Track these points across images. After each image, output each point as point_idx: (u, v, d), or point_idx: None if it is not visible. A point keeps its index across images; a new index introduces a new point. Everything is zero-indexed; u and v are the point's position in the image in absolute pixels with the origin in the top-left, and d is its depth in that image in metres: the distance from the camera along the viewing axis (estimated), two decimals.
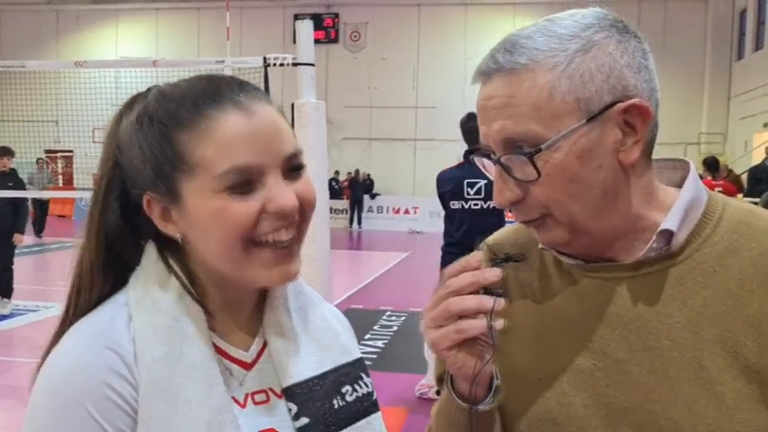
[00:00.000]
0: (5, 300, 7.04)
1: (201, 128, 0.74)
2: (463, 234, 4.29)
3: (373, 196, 20.08)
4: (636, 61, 0.78)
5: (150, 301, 0.77)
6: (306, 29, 3.27)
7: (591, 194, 0.78)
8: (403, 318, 7.27)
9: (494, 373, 0.81)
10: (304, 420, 0.80)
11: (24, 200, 7.07)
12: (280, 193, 0.75)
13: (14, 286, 7.21)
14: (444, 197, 4.39)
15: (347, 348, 0.89)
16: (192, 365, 0.75)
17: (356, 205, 19.34)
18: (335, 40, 21.55)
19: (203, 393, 0.74)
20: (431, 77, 21.10)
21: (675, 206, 0.81)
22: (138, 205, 0.80)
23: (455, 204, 4.33)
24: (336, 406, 0.82)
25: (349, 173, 19.88)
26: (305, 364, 0.83)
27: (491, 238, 0.96)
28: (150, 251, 0.81)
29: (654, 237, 0.80)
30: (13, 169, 7.41)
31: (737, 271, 0.79)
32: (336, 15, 21.51)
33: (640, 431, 0.79)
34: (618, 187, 0.79)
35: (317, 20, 19.13)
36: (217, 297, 0.81)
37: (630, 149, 0.78)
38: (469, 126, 4.38)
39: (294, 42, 3.44)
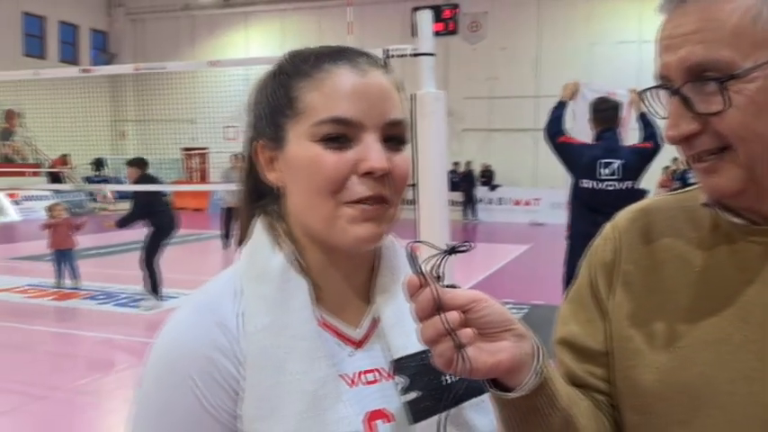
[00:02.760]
0: (153, 296, 7.25)
1: (316, 78, 0.77)
2: (591, 213, 4.02)
3: (493, 188, 19.83)
4: None
5: (256, 272, 0.78)
6: (426, 18, 3.28)
7: None
8: (525, 310, 7.15)
9: (530, 360, 0.74)
10: (413, 394, 0.78)
11: (142, 205, 7.15)
12: (373, 155, 0.74)
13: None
14: (574, 172, 4.17)
15: None
16: (296, 337, 0.75)
17: (469, 197, 19.19)
18: (454, 32, 21.43)
19: (306, 365, 0.74)
20: (552, 65, 20.49)
21: None
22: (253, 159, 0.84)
23: (585, 183, 4.12)
24: (446, 382, 0.80)
25: (468, 162, 19.74)
26: (416, 337, 0.79)
27: (644, 204, 0.93)
28: (259, 222, 0.83)
29: None
30: (148, 175, 7.52)
31: None
32: (456, 6, 21.37)
33: None
34: None
35: (437, 11, 19.06)
36: (323, 266, 0.81)
37: None
38: (602, 108, 4.23)
39: (413, 36, 3.47)
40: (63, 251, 8.18)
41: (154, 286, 7.26)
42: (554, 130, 4.46)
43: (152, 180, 7.73)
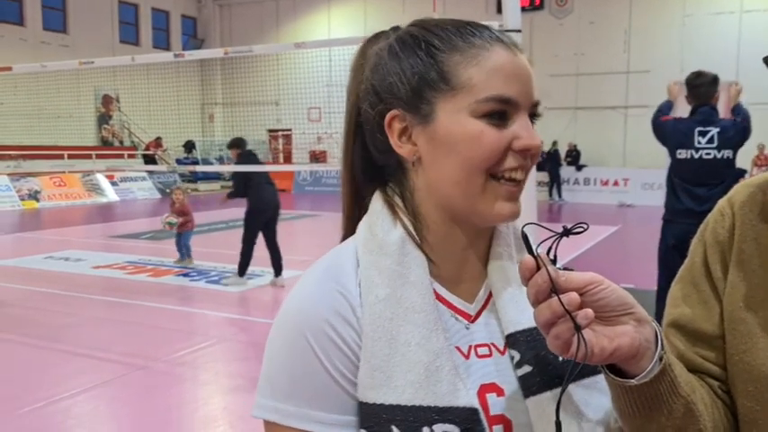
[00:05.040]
0: (240, 276, 7.57)
1: (472, 53, 0.77)
2: (688, 186, 4.01)
3: (580, 168, 19.32)
4: None
5: (376, 245, 0.79)
6: None
7: None
8: None
9: (651, 343, 0.71)
10: (527, 369, 0.79)
11: (242, 179, 7.46)
12: (528, 133, 0.77)
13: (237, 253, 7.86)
14: (671, 142, 4.19)
15: None
16: (412, 309, 0.76)
17: (554, 177, 18.77)
18: (540, 7, 20.87)
19: (422, 337, 0.75)
20: (644, 39, 19.66)
21: None
22: (376, 130, 0.82)
23: (682, 153, 4.08)
24: (560, 359, 0.79)
25: (554, 142, 19.29)
26: (529, 312, 0.78)
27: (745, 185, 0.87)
28: (377, 197, 0.84)
29: None
30: (247, 152, 7.86)
31: None
32: None
33: None
34: None
35: None
36: (442, 241, 0.81)
37: None
38: (698, 83, 4.21)
39: (498, 12, 3.40)
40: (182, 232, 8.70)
41: (241, 263, 7.51)
42: (658, 115, 4.61)
43: (252, 156, 7.99)
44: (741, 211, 0.86)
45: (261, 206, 7.45)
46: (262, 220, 7.45)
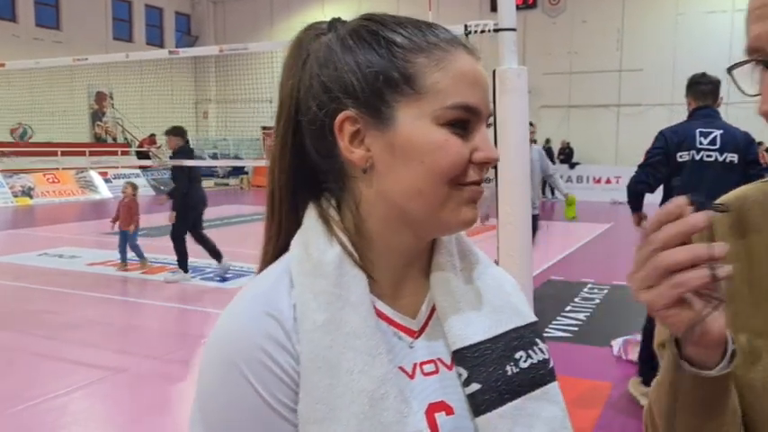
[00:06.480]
0: (185, 273, 7.64)
1: (436, 55, 0.72)
2: (687, 193, 3.85)
3: (572, 165, 19.38)
4: None
5: (311, 266, 0.72)
6: None
7: None
8: (606, 291, 7.01)
9: (727, 333, 0.68)
10: (475, 386, 0.74)
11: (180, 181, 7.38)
12: (488, 145, 0.73)
13: (234, 250, 7.96)
14: (669, 153, 3.88)
15: (519, 310, 0.81)
16: (353, 334, 0.70)
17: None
18: (533, 6, 20.92)
19: (364, 363, 0.69)
20: (636, 38, 19.73)
21: None
22: (321, 132, 0.74)
23: (683, 156, 3.83)
24: (510, 372, 0.76)
25: (547, 140, 19.35)
26: (475, 326, 0.77)
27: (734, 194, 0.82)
28: (311, 211, 0.76)
29: None
30: (187, 146, 7.67)
31: None
32: None
33: None
34: None
35: None
36: (383, 256, 0.76)
37: None
38: (703, 82, 3.92)
39: (492, 10, 3.40)
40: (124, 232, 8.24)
41: (182, 260, 7.61)
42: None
43: (190, 151, 8.01)
44: (717, 224, 0.82)
45: (197, 204, 7.59)
46: (195, 217, 7.59)
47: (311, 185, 0.77)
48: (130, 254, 8.22)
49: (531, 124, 6.77)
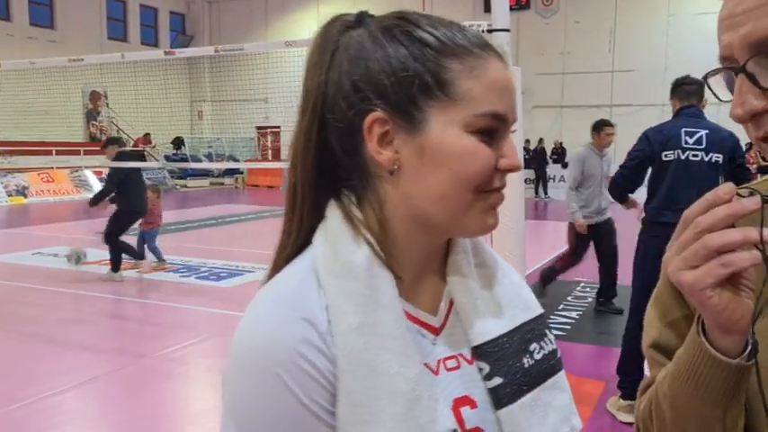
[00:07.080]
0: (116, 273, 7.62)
1: (471, 62, 0.71)
2: (672, 192, 3.68)
3: (565, 165, 19.43)
4: None
5: (340, 267, 0.71)
6: None
7: None
8: (597, 289, 7.06)
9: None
10: (497, 380, 0.76)
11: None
12: (514, 153, 0.73)
13: (228, 249, 7.99)
14: (653, 153, 3.83)
15: (529, 304, 0.84)
16: (388, 336, 0.69)
17: (540, 175, 18.93)
18: (527, 7, 20.99)
19: (400, 365, 0.69)
20: (629, 39, 19.83)
21: None
22: (349, 130, 0.73)
23: (668, 156, 3.79)
24: (527, 365, 0.78)
25: (540, 140, 19.43)
26: (493, 320, 0.79)
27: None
28: (334, 210, 0.75)
29: None
30: (124, 152, 7.75)
31: None
32: None
33: None
34: None
35: None
36: (405, 255, 0.75)
37: None
38: (688, 82, 3.92)
39: (486, 11, 3.44)
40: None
41: (115, 260, 7.61)
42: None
43: (129, 157, 8.02)
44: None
45: (136, 208, 7.59)
46: (133, 221, 7.62)
47: (332, 181, 0.76)
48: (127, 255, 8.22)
49: (610, 125, 6.65)
